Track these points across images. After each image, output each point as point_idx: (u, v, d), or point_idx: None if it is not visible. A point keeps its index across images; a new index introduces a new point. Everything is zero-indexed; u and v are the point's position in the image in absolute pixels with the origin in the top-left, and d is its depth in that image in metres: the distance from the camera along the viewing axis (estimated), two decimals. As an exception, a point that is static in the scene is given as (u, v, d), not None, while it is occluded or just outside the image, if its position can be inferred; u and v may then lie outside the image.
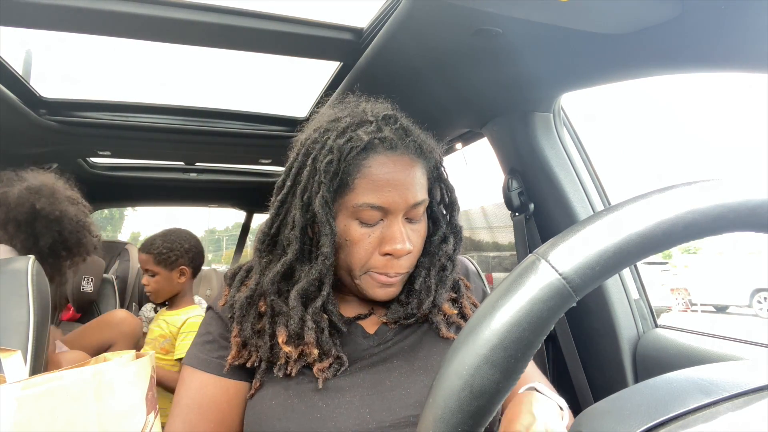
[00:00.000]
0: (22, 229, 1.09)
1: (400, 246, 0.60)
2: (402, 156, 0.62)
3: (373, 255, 0.62)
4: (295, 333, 0.60)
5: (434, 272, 0.68)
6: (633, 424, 0.27)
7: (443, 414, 0.26)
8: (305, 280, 0.61)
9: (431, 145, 0.68)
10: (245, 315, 0.64)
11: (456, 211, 0.72)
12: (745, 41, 0.70)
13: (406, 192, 0.61)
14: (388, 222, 0.62)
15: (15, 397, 0.33)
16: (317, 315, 0.61)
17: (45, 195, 1.13)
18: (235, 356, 0.63)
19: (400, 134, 0.63)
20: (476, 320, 0.27)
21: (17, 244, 1.10)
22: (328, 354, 0.61)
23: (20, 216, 1.09)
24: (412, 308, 0.66)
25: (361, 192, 0.60)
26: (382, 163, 0.61)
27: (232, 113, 1.63)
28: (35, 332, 0.77)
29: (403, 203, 0.61)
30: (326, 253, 0.60)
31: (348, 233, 0.62)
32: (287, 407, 0.58)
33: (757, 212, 0.26)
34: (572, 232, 0.27)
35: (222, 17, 0.97)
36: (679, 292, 9.95)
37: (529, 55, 0.94)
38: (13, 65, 1.20)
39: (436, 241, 0.69)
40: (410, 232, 0.63)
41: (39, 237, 1.11)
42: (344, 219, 0.62)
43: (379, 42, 0.96)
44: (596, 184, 1.19)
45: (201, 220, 58.35)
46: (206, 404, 0.63)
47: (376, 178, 0.60)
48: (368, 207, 0.60)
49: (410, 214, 0.63)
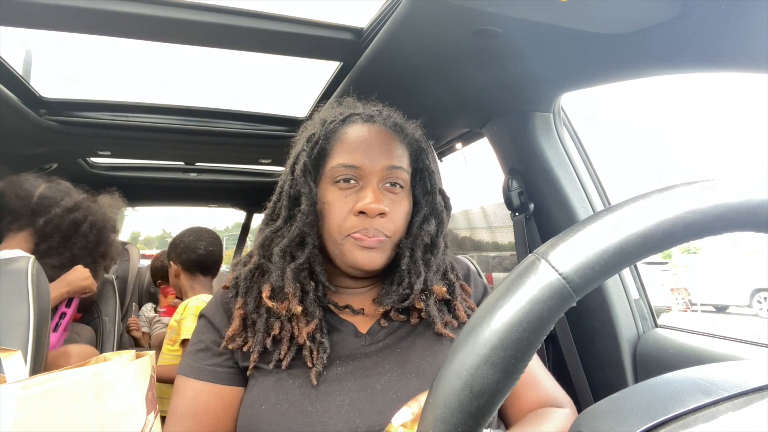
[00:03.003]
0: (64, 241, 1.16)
1: (372, 204, 0.62)
2: (379, 127, 0.68)
3: (348, 216, 0.64)
4: (278, 286, 0.63)
5: (419, 252, 0.68)
6: (633, 424, 0.27)
7: (443, 414, 0.26)
8: (287, 238, 0.64)
9: (415, 133, 0.72)
10: (249, 288, 0.66)
11: (437, 196, 0.72)
12: (745, 41, 0.70)
13: (380, 155, 0.65)
14: (363, 184, 0.65)
15: (15, 397, 0.33)
16: (301, 273, 0.64)
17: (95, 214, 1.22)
18: (236, 330, 0.64)
19: (381, 115, 0.69)
20: (476, 320, 0.27)
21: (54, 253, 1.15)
22: (312, 315, 0.63)
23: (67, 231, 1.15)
24: (404, 289, 0.66)
25: (337, 155, 0.66)
26: (359, 129, 0.67)
27: (232, 113, 1.63)
28: (35, 332, 0.77)
29: (377, 165, 0.64)
30: (305, 210, 0.64)
31: (326, 196, 0.66)
32: (276, 411, 0.58)
33: (757, 212, 0.26)
34: (572, 232, 0.27)
35: (222, 17, 0.97)
36: (679, 292, 9.94)
37: (529, 55, 0.94)
38: (13, 65, 1.20)
39: (418, 222, 0.70)
40: (387, 199, 0.65)
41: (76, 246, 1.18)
42: (325, 184, 0.66)
43: (379, 42, 0.96)
44: (596, 184, 1.19)
45: (201, 220, 58.32)
46: (201, 412, 0.63)
47: (351, 140, 0.66)
48: (342, 167, 0.64)
49: (388, 178, 0.65)
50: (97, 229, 1.25)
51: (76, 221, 1.20)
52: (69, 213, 1.19)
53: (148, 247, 20.54)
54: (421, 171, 0.72)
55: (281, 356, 0.61)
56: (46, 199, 1.18)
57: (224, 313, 0.68)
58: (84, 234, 1.21)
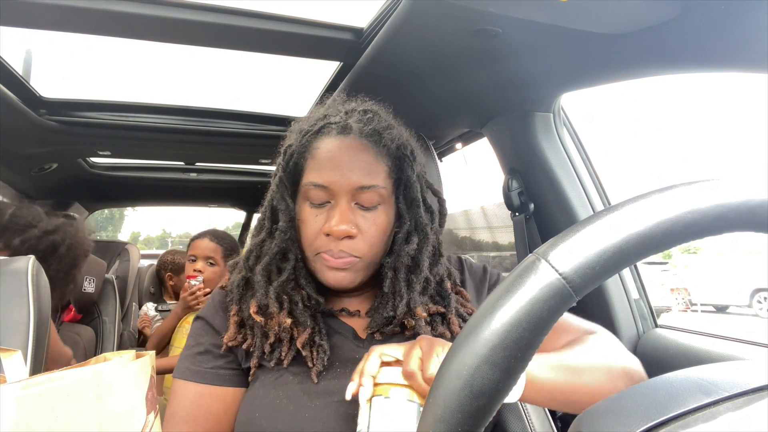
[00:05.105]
0: None
1: (336, 226, 0.60)
2: (353, 140, 0.63)
3: (318, 236, 0.62)
4: (263, 305, 0.62)
5: (402, 274, 0.64)
6: (633, 424, 0.27)
7: (443, 414, 0.26)
8: (267, 256, 0.64)
9: (401, 140, 0.66)
10: (243, 295, 0.66)
11: (420, 208, 0.66)
12: (745, 41, 0.70)
13: (350, 173, 0.61)
14: (334, 203, 0.62)
15: (15, 397, 0.33)
16: (281, 288, 0.63)
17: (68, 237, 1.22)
18: (232, 336, 0.63)
19: (360, 122, 0.63)
20: (476, 320, 0.27)
21: None
22: (304, 325, 0.62)
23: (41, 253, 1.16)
24: (388, 311, 0.64)
25: (309, 172, 0.64)
26: (331, 144, 0.63)
27: (232, 113, 1.63)
28: (35, 332, 0.77)
29: (345, 184, 0.61)
30: (282, 227, 0.64)
31: (300, 213, 0.64)
32: (276, 407, 0.58)
33: (757, 212, 0.26)
34: (572, 232, 0.27)
35: (222, 17, 0.97)
36: (679, 292, 9.94)
37: (529, 55, 0.94)
38: (13, 65, 1.20)
39: (400, 240, 0.66)
40: (360, 218, 0.62)
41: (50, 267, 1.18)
42: (300, 201, 0.65)
43: (379, 42, 0.96)
44: (596, 184, 1.19)
45: (201, 220, 58.31)
46: (202, 415, 0.62)
47: (321, 157, 0.63)
48: (312, 186, 0.62)
49: (359, 198, 0.62)
50: (74, 253, 1.26)
51: (54, 243, 1.20)
52: (48, 235, 1.19)
53: (148, 247, 20.53)
54: (402, 182, 0.66)
55: (282, 356, 0.61)
56: (19, 218, 1.17)
57: (223, 314, 0.67)
58: (61, 256, 1.21)
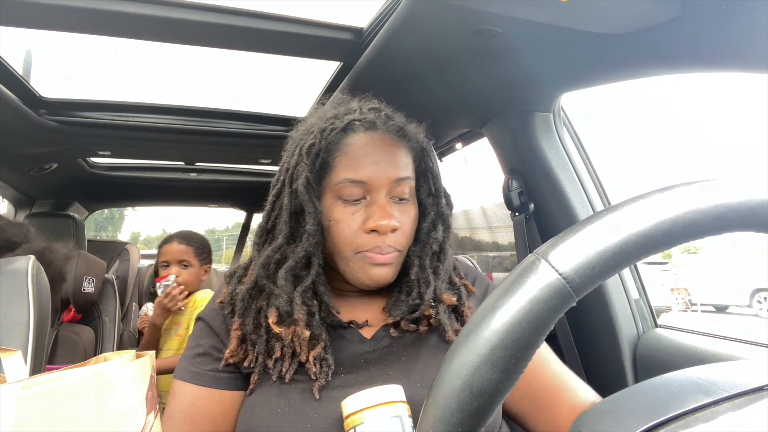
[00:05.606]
0: None
1: (384, 221, 0.59)
2: (383, 135, 0.63)
3: (358, 234, 0.61)
4: (285, 312, 0.60)
5: (428, 261, 0.66)
6: (633, 424, 0.27)
7: (443, 414, 0.26)
8: (292, 259, 0.61)
9: (418, 135, 0.68)
10: (247, 308, 0.64)
11: (442, 198, 0.69)
12: (745, 41, 0.70)
13: (387, 167, 0.61)
14: (371, 199, 0.61)
15: (15, 397, 0.33)
16: (306, 294, 0.61)
17: None
18: (234, 350, 0.62)
19: (382, 118, 0.64)
20: (476, 320, 0.27)
21: None
22: (318, 339, 0.60)
23: None
24: (414, 299, 0.64)
25: (342, 169, 0.61)
26: (362, 140, 0.62)
27: (232, 113, 1.63)
28: (35, 332, 0.77)
29: (384, 178, 0.61)
30: (310, 230, 0.60)
31: (332, 213, 0.62)
32: (278, 415, 0.57)
33: (757, 212, 0.26)
34: (572, 232, 0.27)
35: (222, 17, 0.97)
36: (679, 292, 9.95)
37: (529, 55, 0.94)
38: (13, 65, 1.20)
39: (426, 229, 0.67)
40: (397, 212, 0.62)
41: None
42: (329, 200, 0.62)
43: (379, 42, 0.96)
44: (596, 184, 1.19)
45: (201, 220, 58.31)
46: (200, 418, 0.62)
47: (356, 153, 0.61)
48: (348, 182, 0.60)
49: (395, 191, 0.62)
50: (59, 274, 1.26)
51: (44, 262, 1.20)
52: (39, 255, 1.19)
53: (148, 247, 20.52)
54: (425, 174, 0.69)
55: (283, 372, 0.60)
56: (3, 232, 1.17)
57: (223, 318, 0.66)
58: (49, 277, 1.22)
